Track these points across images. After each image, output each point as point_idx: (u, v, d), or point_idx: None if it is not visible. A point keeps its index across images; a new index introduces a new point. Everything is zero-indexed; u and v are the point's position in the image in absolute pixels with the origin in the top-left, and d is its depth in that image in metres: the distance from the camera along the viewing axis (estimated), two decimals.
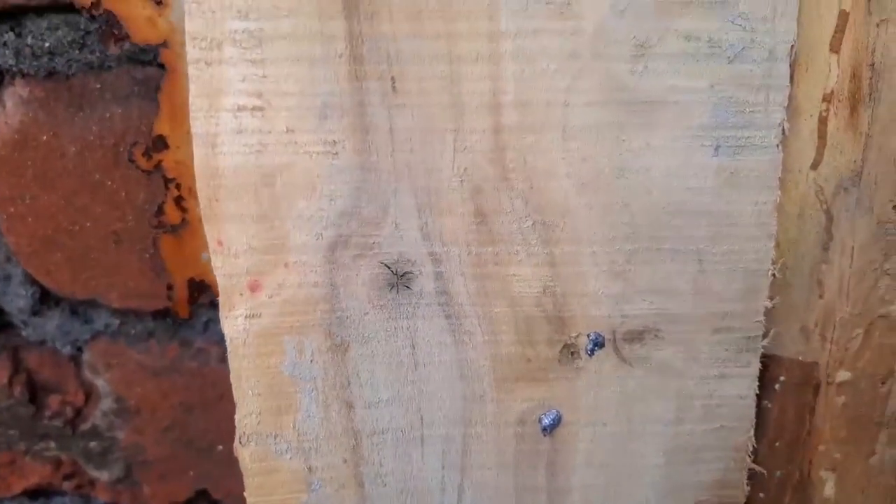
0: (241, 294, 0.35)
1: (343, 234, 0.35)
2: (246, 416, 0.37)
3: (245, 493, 0.38)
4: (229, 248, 0.34)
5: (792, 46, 0.33)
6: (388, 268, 0.36)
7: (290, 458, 0.37)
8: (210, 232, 0.34)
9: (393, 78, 0.33)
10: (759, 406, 0.40)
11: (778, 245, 0.37)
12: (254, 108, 0.33)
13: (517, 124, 0.34)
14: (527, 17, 0.32)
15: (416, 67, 0.33)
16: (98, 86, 0.40)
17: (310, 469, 0.38)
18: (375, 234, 0.35)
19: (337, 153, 0.34)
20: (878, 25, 0.34)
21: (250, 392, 0.36)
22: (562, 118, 0.34)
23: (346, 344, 0.36)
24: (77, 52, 0.39)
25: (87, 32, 0.39)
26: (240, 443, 0.37)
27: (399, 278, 0.36)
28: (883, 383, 0.40)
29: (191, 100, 0.32)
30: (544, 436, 0.38)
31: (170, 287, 0.44)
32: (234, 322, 0.35)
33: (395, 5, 0.32)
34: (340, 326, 0.36)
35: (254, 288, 0.35)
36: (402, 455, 0.38)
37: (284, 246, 0.35)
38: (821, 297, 0.38)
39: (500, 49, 0.33)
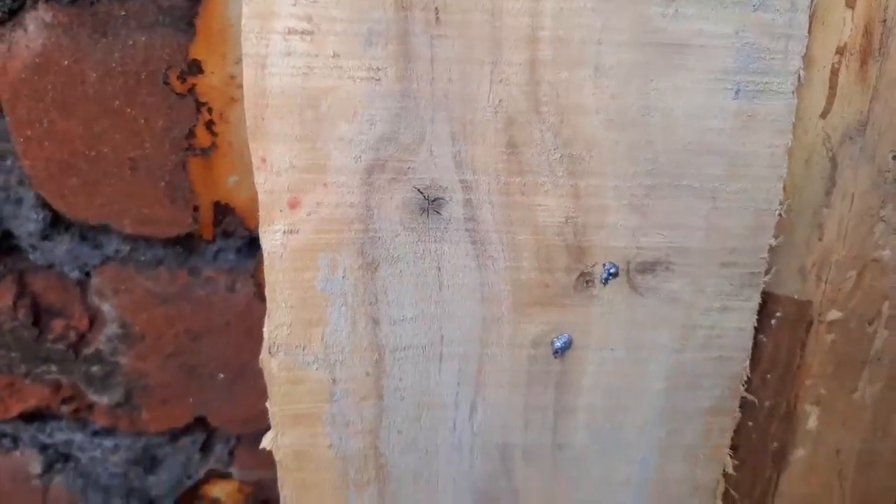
0: (281, 210, 0.37)
1: (380, 158, 0.37)
2: (277, 327, 0.38)
3: (268, 403, 0.40)
4: (272, 166, 0.36)
5: None
6: (421, 193, 0.38)
7: (317, 370, 0.40)
8: (255, 149, 0.36)
9: (437, 9, 0.35)
10: (755, 339, 0.42)
11: (785, 188, 0.39)
12: (303, 32, 0.34)
13: (552, 59, 0.36)
14: None
15: None
16: (122, 13, 0.41)
17: (334, 380, 0.40)
18: (411, 160, 0.37)
19: (379, 79, 0.35)
20: None
21: (283, 304, 0.38)
22: (594, 56, 0.36)
23: (376, 263, 0.38)
24: None
25: None
26: (269, 353, 0.39)
27: (430, 203, 0.38)
28: (870, 324, 0.42)
29: (243, 21, 0.34)
30: (555, 358, 0.41)
31: (195, 209, 0.45)
32: (272, 237, 0.37)
33: None
34: (372, 246, 0.38)
35: (293, 205, 0.37)
36: (421, 371, 0.41)
37: (325, 166, 0.36)
38: (820, 239, 0.41)
39: None
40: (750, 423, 0.44)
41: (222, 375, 0.52)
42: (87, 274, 0.49)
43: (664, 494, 0.44)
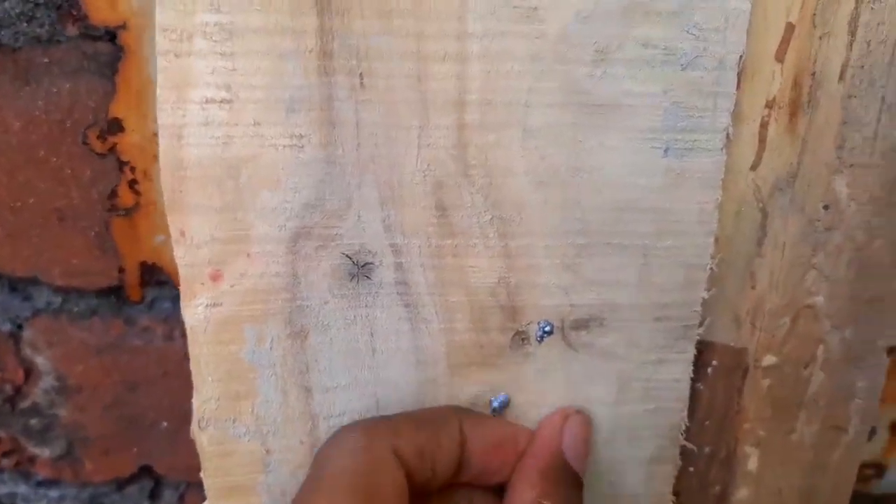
0: (203, 283, 0.36)
1: (306, 226, 0.36)
2: (205, 401, 0.37)
3: (202, 475, 0.39)
4: (192, 239, 0.35)
5: (741, 56, 0.35)
6: (350, 258, 0.37)
7: (248, 441, 0.38)
8: (173, 222, 0.34)
9: (361, 74, 0.34)
10: (692, 388, 0.42)
11: (716, 240, 0.39)
12: (222, 101, 0.33)
13: (480, 122, 0.35)
14: (494, 20, 0.33)
15: (384, 64, 0.34)
16: (46, 60, 0.39)
17: (267, 451, 0.39)
18: (338, 226, 0.36)
19: (303, 146, 0.34)
20: (820, 38, 0.36)
21: (210, 378, 0.37)
22: (522, 118, 0.35)
23: (305, 331, 0.37)
24: (25, 24, 0.38)
25: (37, 5, 0.38)
26: (198, 427, 0.38)
27: (360, 269, 0.37)
28: (805, 367, 0.43)
29: (158, 91, 0.33)
30: (494, 417, 0.40)
31: (121, 270, 0.44)
32: (194, 311, 0.36)
33: (367, 3, 0.33)
34: (300, 315, 0.37)
35: (215, 277, 0.36)
36: None
37: (247, 237, 0.35)
38: (753, 287, 0.41)
39: (468, 49, 0.34)
40: (691, 469, 0.44)
41: (166, 424, 0.51)
42: (20, 326, 0.47)
43: None
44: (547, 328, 0.39)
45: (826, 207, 0.39)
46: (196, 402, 0.37)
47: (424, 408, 0.39)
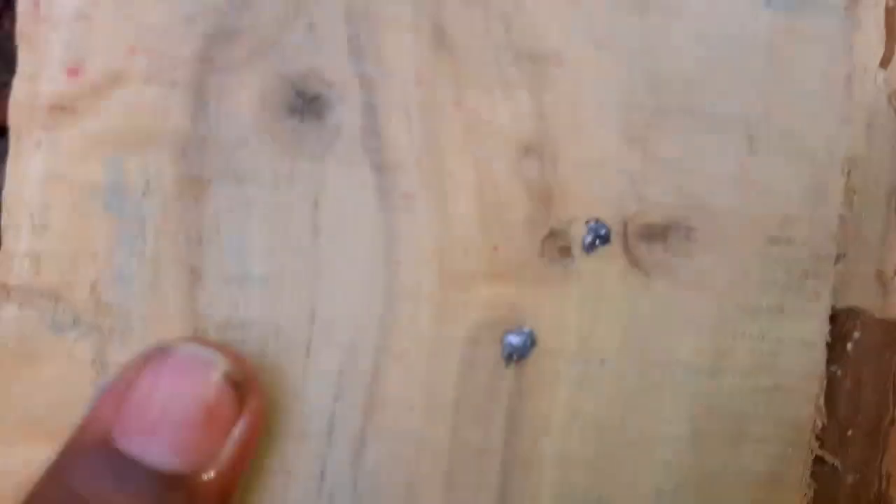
0: (53, 77, 0.23)
1: (230, 27, 0.23)
2: (15, 256, 0.22)
3: None
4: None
5: None
6: (293, 84, 0.24)
7: (75, 340, 0.22)
8: None
9: None
10: (826, 373, 0.26)
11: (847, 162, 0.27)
12: None
13: None
14: None
15: None
16: None
17: (104, 364, 0.22)
18: (277, 36, 0.24)
19: None
20: None
21: (29, 222, 0.22)
22: None
23: (205, 179, 0.23)
24: None
25: None
26: None
27: (308, 102, 0.23)
28: None
29: None
30: (507, 366, 0.24)
31: None
32: (27, 110, 0.23)
33: None
34: (201, 152, 0.23)
35: (74, 72, 0.23)
36: (272, 368, 0.23)
37: (136, 22, 0.23)
38: None
39: None
40: None
41: None
42: None
43: None
44: (601, 231, 0.24)
45: None
46: (1, 256, 0.22)
47: None
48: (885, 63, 0.27)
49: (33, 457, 0.21)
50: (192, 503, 0.19)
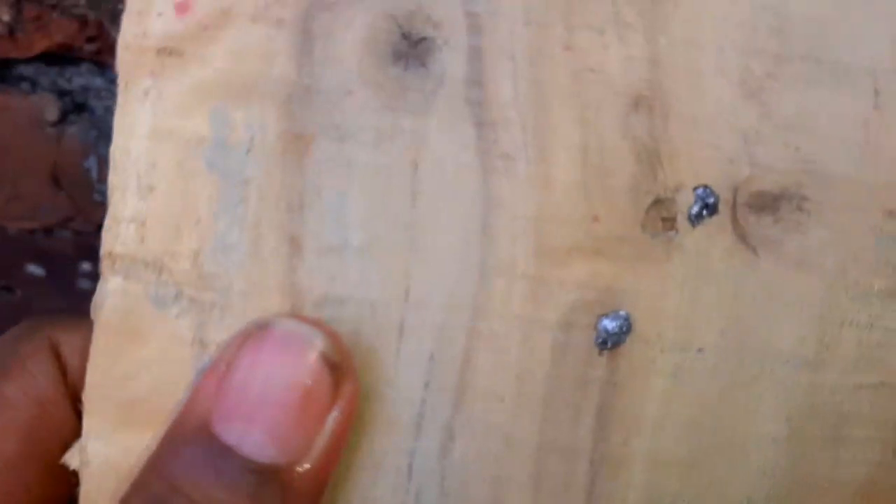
0: (160, 14, 0.22)
1: None
2: (120, 221, 0.22)
3: (87, 378, 0.22)
4: None
5: None
6: (399, 25, 0.23)
7: (178, 317, 0.22)
8: None
9: None
10: None
11: None
12: None
13: None
14: None
15: None
16: None
17: (203, 343, 0.22)
18: None
19: None
20: None
21: (135, 182, 0.21)
22: None
23: (308, 136, 0.22)
24: None
25: None
26: (105, 268, 0.22)
27: (413, 46, 0.22)
28: None
29: None
30: (601, 353, 0.23)
31: None
32: (135, 54, 0.22)
33: None
34: (306, 106, 0.22)
35: (183, 8, 0.22)
36: (365, 350, 0.23)
37: None
38: None
39: None
40: None
41: None
42: None
43: None
44: (709, 201, 0.23)
45: None
46: (108, 219, 0.22)
47: None
48: None
49: (133, 444, 0.21)
50: (287, 496, 0.19)
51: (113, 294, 0.22)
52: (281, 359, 0.19)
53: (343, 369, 0.20)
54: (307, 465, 0.19)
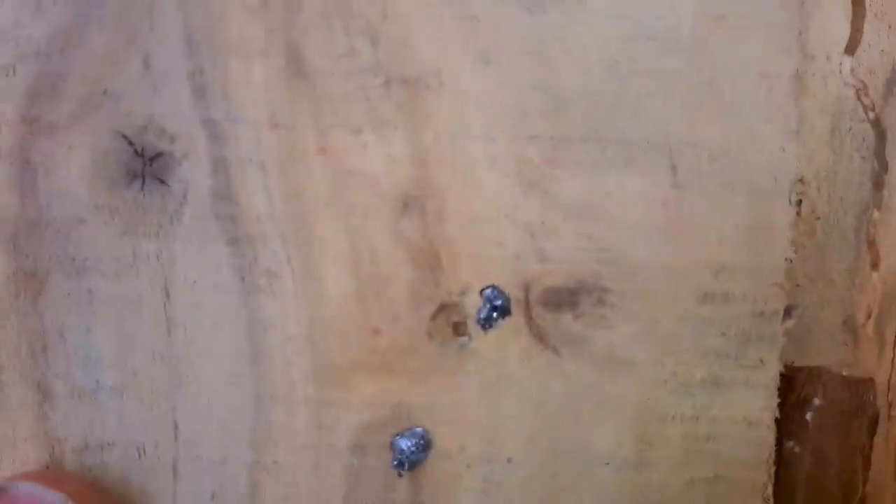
0: None
1: (51, 70, 0.20)
2: None
3: None
4: None
5: None
6: (130, 143, 0.20)
7: None
8: None
9: None
10: (778, 449, 0.22)
11: (801, 181, 0.22)
12: None
13: None
14: None
15: None
16: None
17: None
18: (110, 78, 0.20)
19: None
20: None
21: None
22: None
23: (42, 273, 0.20)
24: None
25: None
26: None
27: (148, 163, 0.20)
28: None
29: None
30: (400, 475, 0.20)
31: None
32: None
33: None
34: (34, 239, 0.20)
35: None
36: (139, 494, 0.21)
37: None
38: (874, 266, 0.22)
39: None
40: None
41: None
42: None
43: None
44: (498, 302, 0.21)
45: None
46: None
47: None
48: (851, 49, 0.23)
49: None
50: None
51: None
52: None
53: None
54: None
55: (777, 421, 0.23)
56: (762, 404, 0.22)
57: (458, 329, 0.21)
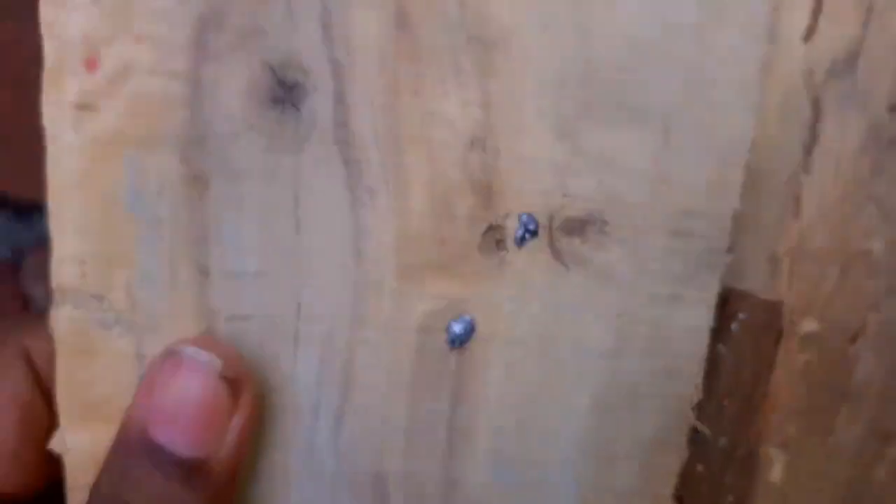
0: (74, 72, 0.25)
1: (216, 7, 0.26)
2: (64, 260, 0.26)
3: (57, 385, 0.27)
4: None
5: None
6: (274, 72, 0.26)
7: (119, 335, 0.27)
8: None
9: None
10: (711, 350, 0.32)
11: (754, 144, 0.30)
12: None
13: None
14: None
15: None
16: None
17: (143, 357, 0.27)
18: (260, 16, 0.26)
19: None
20: None
21: (72, 226, 0.26)
22: None
23: (206, 177, 0.27)
24: None
25: None
26: (55, 301, 0.26)
27: (287, 91, 0.26)
28: (853, 342, 0.32)
29: None
30: (451, 350, 0.29)
31: None
32: (59, 111, 0.25)
33: None
34: (201, 150, 0.27)
35: (90, 65, 0.25)
36: (269, 357, 0.29)
37: (134, 11, 0.25)
38: (796, 216, 0.31)
39: None
40: (699, 467, 0.32)
41: None
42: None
43: None
44: (531, 227, 0.29)
45: (892, 109, 0.30)
46: (53, 260, 0.26)
47: None
48: (808, 36, 0.30)
49: (101, 435, 0.26)
50: (209, 479, 0.25)
51: (64, 320, 0.27)
52: (188, 380, 0.25)
53: (240, 383, 0.26)
54: (221, 456, 0.25)
55: (712, 329, 0.31)
56: (703, 315, 0.31)
57: (500, 245, 0.30)
